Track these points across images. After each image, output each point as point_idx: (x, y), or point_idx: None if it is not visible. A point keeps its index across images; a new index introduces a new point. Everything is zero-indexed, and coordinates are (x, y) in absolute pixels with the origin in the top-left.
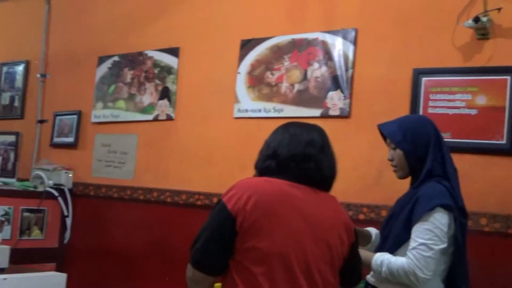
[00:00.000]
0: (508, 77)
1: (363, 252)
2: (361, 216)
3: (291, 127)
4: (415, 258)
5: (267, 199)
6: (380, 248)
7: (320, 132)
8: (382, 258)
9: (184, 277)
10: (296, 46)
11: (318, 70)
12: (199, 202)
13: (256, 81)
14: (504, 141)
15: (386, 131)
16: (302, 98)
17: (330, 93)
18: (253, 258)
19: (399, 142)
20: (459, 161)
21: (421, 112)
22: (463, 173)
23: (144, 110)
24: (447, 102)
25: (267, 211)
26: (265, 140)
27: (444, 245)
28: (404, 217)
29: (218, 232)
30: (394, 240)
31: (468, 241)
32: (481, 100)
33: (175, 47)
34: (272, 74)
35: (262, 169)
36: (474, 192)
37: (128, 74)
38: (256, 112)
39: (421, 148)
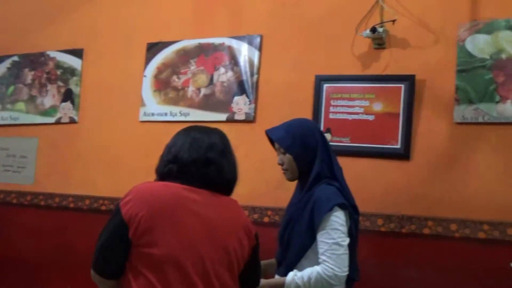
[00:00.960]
0: (402, 85)
1: (272, 281)
2: (266, 219)
3: (192, 132)
4: (330, 259)
5: (163, 204)
6: (282, 257)
7: (221, 136)
8: (295, 281)
9: (87, 284)
10: (202, 51)
11: (224, 75)
12: (103, 207)
13: (162, 84)
14: (398, 146)
15: (275, 137)
16: (208, 102)
17: (236, 98)
18: (147, 263)
19: (288, 147)
20: (358, 164)
21: (322, 117)
22: (361, 176)
23: (45, 113)
24: (347, 108)
25: (162, 216)
26: (166, 144)
27: (349, 240)
28: (305, 223)
29: (113, 236)
30: (298, 247)
31: (365, 241)
32: (378, 107)
33: (78, 48)
34: (179, 78)
35: (163, 173)
36: (372, 194)
37: (29, 75)
38: (162, 116)
39: (309, 151)
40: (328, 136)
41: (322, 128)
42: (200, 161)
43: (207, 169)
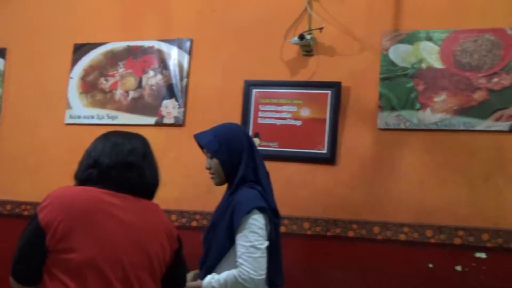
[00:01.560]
0: (329, 92)
1: (189, 284)
2: (194, 223)
3: (112, 136)
4: (247, 263)
5: (82, 209)
6: (202, 261)
7: (142, 140)
8: (212, 285)
9: None
10: (131, 53)
11: (153, 78)
12: (26, 213)
13: (89, 87)
14: (325, 151)
15: (202, 141)
16: (136, 106)
17: (165, 102)
18: (66, 268)
19: (215, 152)
20: (286, 169)
21: (251, 122)
22: (289, 181)
23: None
24: (275, 113)
25: (81, 221)
26: (86, 149)
27: (267, 243)
28: (225, 225)
29: (30, 242)
30: (218, 250)
31: (292, 244)
32: (305, 112)
33: (1, 48)
34: (106, 80)
35: (83, 178)
36: (299, 198)
37: None
38: (89, 119)
39: (235, 156)
40: (256, 140)
41: (250, 132)
42: (121, 165)
43: (128, 173)
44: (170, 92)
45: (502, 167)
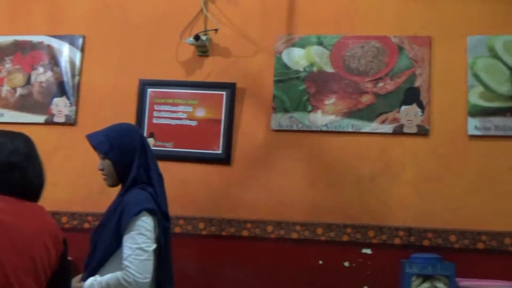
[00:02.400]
0: (224, 93)
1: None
2: (86, 225)
3: None
4: (132, 265)
5: None
6: (87, 262)
7: (26, 140)
8: (94, 287)
9: None
10: (19, 48)
11: (43, 75)
12: None
13: None
14: (220, 151)
15: (94, 142)
16: (25, 103)
17: (56, 100)
18: None
19: (106, 152)
20: (181, 169)
21: (146, 122)
22: (184, 181)
23: None
24: (170, 113)
25: None
26: None
27: (155, 246)
28: (112, 226)
29: None
30: (103, 251)
31: (187, 244)
32: (200, 113)
33: None
34: None
35: None
36: (194, 198)
37: None
38: None
39: (127, 157)
40: (151, 140)
41: (145, 132)
42: (1, 166)
43: (10, 174)
44: (61, 89)
45: (386, 167)
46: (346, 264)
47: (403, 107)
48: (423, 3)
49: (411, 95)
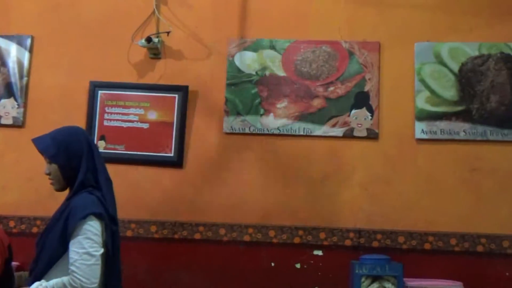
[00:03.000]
0: (176, 95)
1: None
2: (35, 229)
3: None
4: (79, 270)
5: None
6: (33, 267)
7: None
8: None
9: None
10: None
11: None
12: None
13: None
14: (172, 154)
15: (40, 146)
16: None
17: (3, 101)
18: None
19: (52, 156)
20: (133, 172)
21: (97, 124)
22: (136, 184)
23: None
24: (121, 116)
25: None
26: None
27: (102, 250)
28: (59, 230)
29: None
30: (49, 255)
31: (139, 248)
32: (152, 115)
33: None
34: None
35: None
36: (146, 202)
37: None
38: None
39: (74, 160)
40: (102, 143)
41: (96, 135)
42: None
43: None
44: (8, 91)
45: (336, 170)
46: (298, 265)
47: (353, 111)
48: (373, 10)
49: (361, 99)
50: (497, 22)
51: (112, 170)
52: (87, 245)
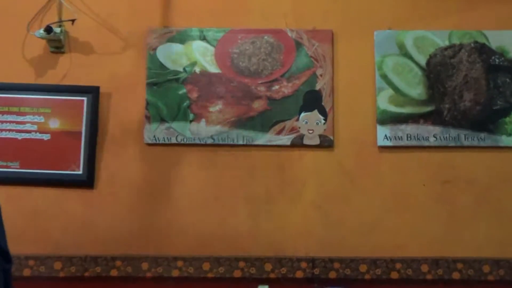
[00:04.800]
0: (85, 98)
1: None
2: None
3: None
4: None
5: None
6: None
7: None
8: None
9: None
10: None
11: None
12: None
13: None
14: (80, 171)
15: None
16: None
17: None
18: None
19: None
20: (30, 195)
21: None
22: (35, 211)
23: None
24: (16, 125)
25: None
26: None
27: None
28: None
29: None
30: None
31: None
32: (55, 124)
33: None
34: None
35: None
36: (48, 232)
37: None
38: None
39: None
40: None
41: None
42: None
43: None
44: None
45: (284, 186)
46: None
47: (303, 114)
48: None
49: (312, 100)
50: (470, 6)
51: (4, 193)
52: None
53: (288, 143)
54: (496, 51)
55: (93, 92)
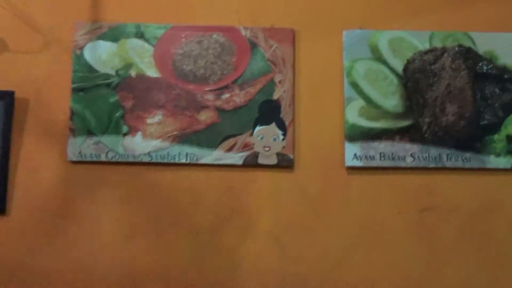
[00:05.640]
0: None
1: None
2: None
3: None
4: None
5: None
6: None
7: None
8: None
9: None
10: None
11: None
12: None
13: None
14: None
15: None
16: None
17: None
18: None
19: None
20: None
21: None
22: None
23: None
24: None
25: None
26: None
27: None
28: None
29: None
30: None
31: None
32: None
33: None
34: None
35: None
36: None
37: None
38: None
39: None
40: None
41: None
42: None
43: None
44: None
45: (235, 214)
46: None
47: (258, 128)
48: None
49: (269, 111)
50: (454, 3)
51: None
52: None
53: (240, 162)
54: (484, 56)
55: (6, 98)
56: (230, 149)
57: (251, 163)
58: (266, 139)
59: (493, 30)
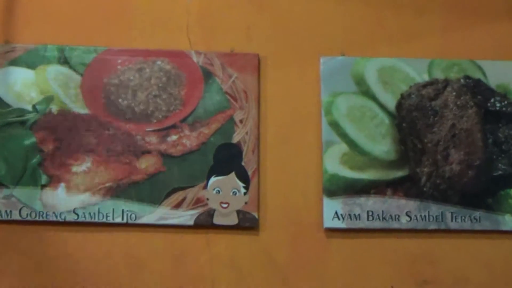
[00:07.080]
0: None
1: None
2: None
3: None
4: None
5: None
6: None
7: None
8: None
9: None
10: None
11: None
12: None
13: None
14: None
15: None
16: None
17: None
18: None
19: None
20: None
21: None
22: None
23: None
24: None
25: None
26: None
27: None
28: None
29: None
30: None
31: None
32: None
33: None
34: None
35: None
36: None
37: None
38: None
39: None
40: None
41: None
42: None
43: None
44: None
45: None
46: None
47: (214, 179)
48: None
49: (227, 158)
50: (458, 26)
51: None
52: None
53: (191, 222)
54: (496, 91)
55: None
56: (178, 206)
57: (205, 224)
58: (223, 193)
59: (507, 58)
